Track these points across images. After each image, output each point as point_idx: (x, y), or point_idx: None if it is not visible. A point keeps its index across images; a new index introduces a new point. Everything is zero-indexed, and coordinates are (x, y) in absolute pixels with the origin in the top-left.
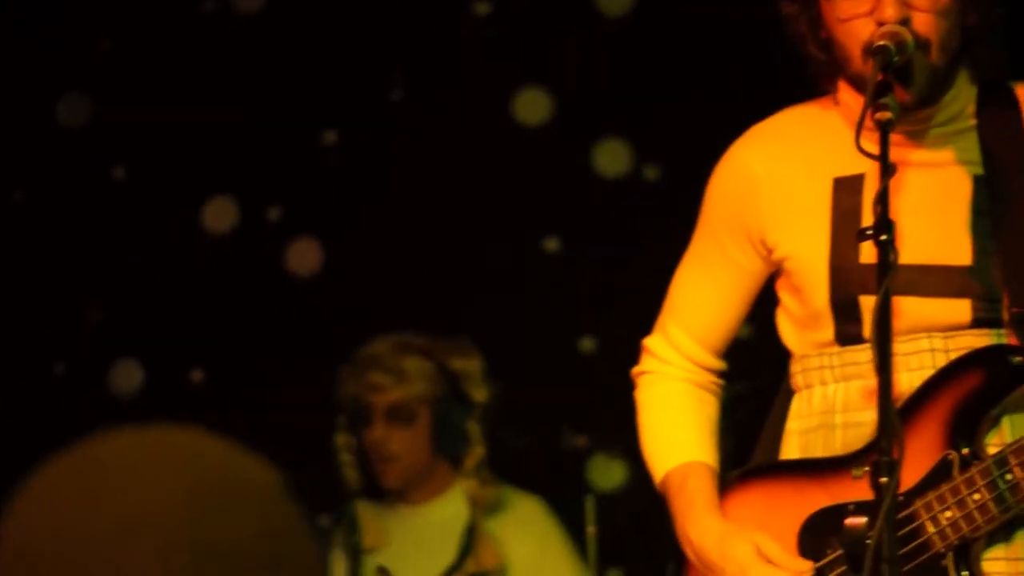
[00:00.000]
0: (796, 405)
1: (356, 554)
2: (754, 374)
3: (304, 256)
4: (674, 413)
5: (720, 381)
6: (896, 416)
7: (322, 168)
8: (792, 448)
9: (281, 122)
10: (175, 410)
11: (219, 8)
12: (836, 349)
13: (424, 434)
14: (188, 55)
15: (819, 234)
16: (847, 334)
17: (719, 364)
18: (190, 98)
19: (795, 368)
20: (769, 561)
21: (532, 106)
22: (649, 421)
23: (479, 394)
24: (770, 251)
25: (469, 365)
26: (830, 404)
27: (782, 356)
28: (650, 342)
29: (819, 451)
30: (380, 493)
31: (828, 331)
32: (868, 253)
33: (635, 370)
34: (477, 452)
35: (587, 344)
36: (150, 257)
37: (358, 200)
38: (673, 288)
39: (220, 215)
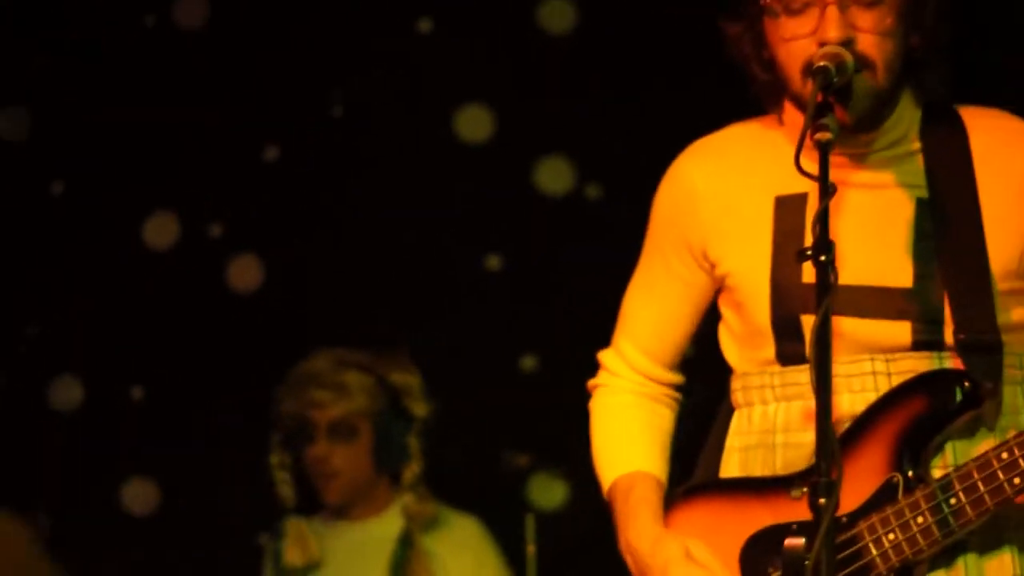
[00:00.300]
0: (736, 422)
1: (281, 574)
2: (695, 389)
3: (245, 272)
4: (624, 424)
5: (676, 394)
6: (835, 437)
7: (263, 184)
8: (732, 465)
9: (223, 138)
10: (115, 427)
11: (160, 23)
12: (777, 368)
13: (366, 449)
14: (130, 70)
15: (760, 252)
16: (788, 353)
17: (674, 377)
18: (130, 113)
19: (736, 385)
20: (695, 562)
21: (474, 123)
22: (600, 431)
23: (419, 409)
24: (712, 266)
25: (409, 380)
26: (770, 423)
27: (724, 372)
28: (604, 356)
29: (758, 469)
30: (319, 510)
31: (769, 350)
32: (810, 273)
33: (590, 383)
34: (415, 467)
35: (528, 362)
36: (90, 272)
37: (299, 217)
38: (624, 303)
39: (161, 231)
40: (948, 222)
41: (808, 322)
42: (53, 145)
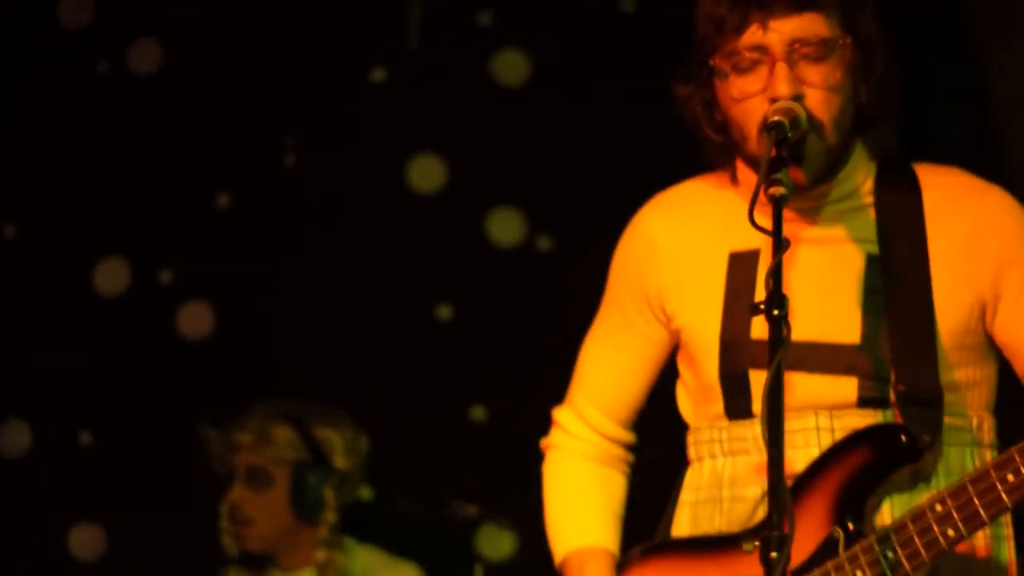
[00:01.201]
0: (689, 477)
1: None
2: (658, 445)
3: (195, 319)
4: (578, 493)
5: (629, 456)
6: (787, 491)
7: (215, 231)
8: (684, 519)
9: (174, 184)
10: (63, 472)
11: (114, 69)
12: (725, 423)
13: (282, 498)
14: (82, 115)
15: (712, 307)
16: (736, 408)
17: (628, 437)
18: (83, 158)
19: (689, 440)
20: None
21: (426, 173)
22: (553, 499)
23: (340, 462)
24: (669, 319)
25: (333, 434)
26: (718, 478)
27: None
28: (559, 415)
29: (706, 524)
30: (260, 560)
31: (718, 404)
32: (759, 328)
33: (544, 442)
34: (328, 518)
35: (478, 413)
36: (40, 317)
37: (250, 264)
38: (580, 359)
39: (112, 277)
40: (897, 278)
41: (756, 377)
42: (4, 189)
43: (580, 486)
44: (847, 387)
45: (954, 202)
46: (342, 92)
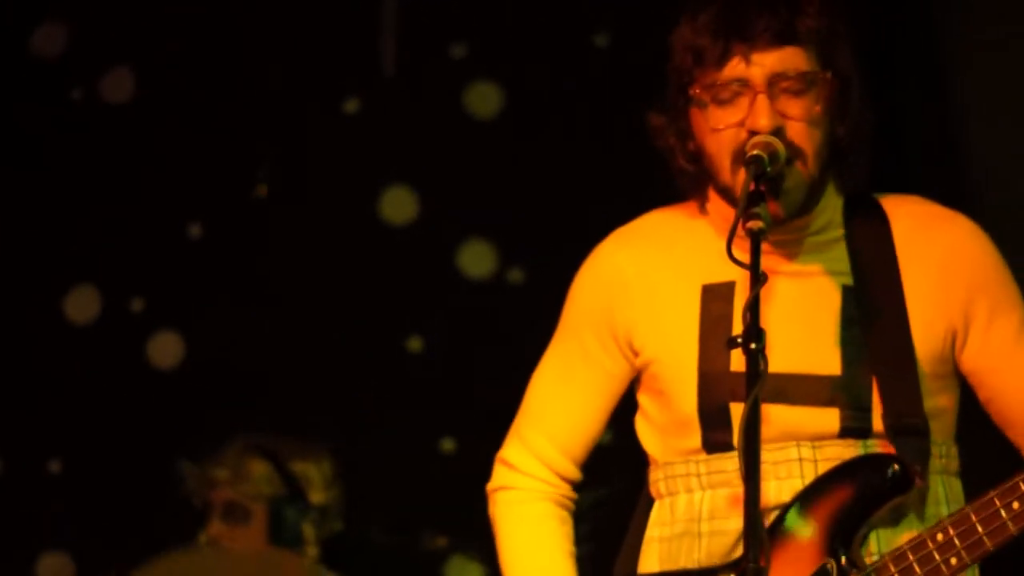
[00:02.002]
0: (657, 512)
1: None
2: (612, 480)
3: (166, 349)
4: (535, 540)
5: (574, 496)
6: (762, 525)
7: (186, 261)
8: (652, 556)
9: (146, 213)
10: (32, 500)
11: (86, 98)
12: (703, 456)
13: (260, 533)
14: (54, 143)
15: (687, 341)
16: (715, 442)
17: (577, 475)
18: (54, 186)
19: (656, 475)
20: None
21: (398, 205)
22: (509, 548)
23: (317, 497)
24: (636, 353)
25: (310, 469)
26: (696, 512)
27: (639, 462)
28: (507, 454)
29: (683, 559)
30: None
31: (695, 438)
32: (738, 361)
33: (490, 486)
34: (309, 553)
35: (448, 444)
36: (10, 345)
37: (221, 294)
38: (531, 393)
39: (82, 305)
40: (873, 308)
41: (736, 410)
42: None
43: (537, 533)
44: (829, 418)
45: (924, 231)
46: (315, 123)
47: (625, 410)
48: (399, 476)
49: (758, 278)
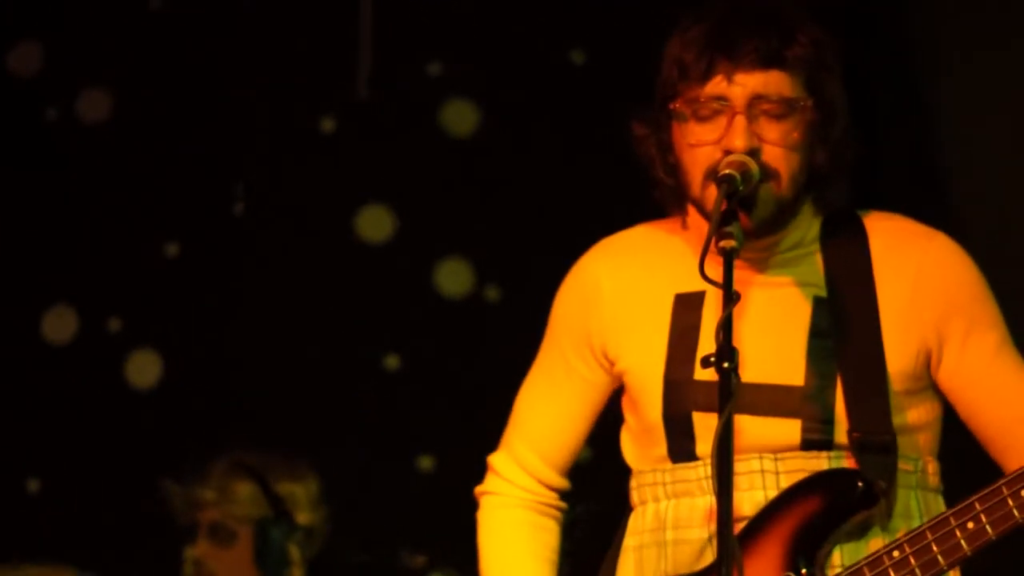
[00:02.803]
0: (632, 521)
1: None
2: (595, 496)
3: (143, 368)
4: (514, 545)
5: (562, 504)
6: (735, 540)
7: (164, 280)
8: (628, 565)
9: (123, 233)
10: (10, 519)
11: (63, 117)
12: (669, 466)
13: (246, 555)
14: (30, 163)
15: (656, 349)
16: (679, 450)
17: (563, 483)
18: (30, 206)
19: (632, 484)
20: None
21: (374, 224)
22: (489, 550)
23: (303, 518)
24: (612, 363)
25: (296, 489)
26: (662, 520)
27: (623, 477)
28: (495, 460)
29: (651, 569)
30: None
31: (661, 447)
32: (703, 370)
33: (479, 489)
34: (295, 575)
35: (425, 462)
36: None
37: (199, 313)
38: (518, 404)
39: (59, 325)
40: (846, 321)
41: (699, 419)
42: None
43: (516, 537)
44: (791, 430)
45: (900, 247)
46: (291, 141)
47: (607, 426)
48: (377, 493)
49: (731, 297)
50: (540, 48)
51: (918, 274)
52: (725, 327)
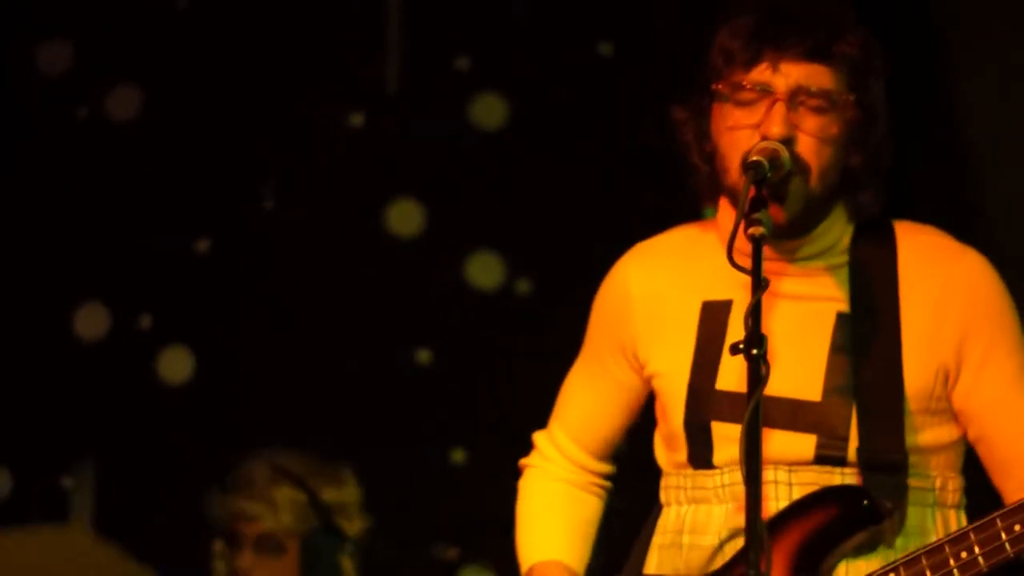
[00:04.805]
0: (661, 521)
1: None
2: (629, 490)
3: (175, 364)
4: (548, 510)
5: (606, 483)
6: (765, 531)
7: (194, 276)
8: (652, 562)
9: (153, 230)
10: (45, 518)
11: (93, 115)
12: (689, 471)
13: (292, 567)
14: (61, 161)
15: (683, 355)
16: (698, 458)
17: (603, 467)
18: (62, 203)
19: (661, 485)
20: None
21: (405, 217)
22: (524, 513)
23: (352, 528)
24: (642, 367)
25: (343, 496)
26: (680, 524)
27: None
28: (538, 438)
29: (669, 567)
30: None
31: (683, 453)
32: (725, 379)
33: (522, 461)
34: None
35: (458, 455)
36: (20, 362)
37: (230, 309)
38: (562, 388)
39: (91, 322)
40: (867, 338)
41: (717, 429)
42: None
43: (549, 503)
44: (805, 444)
45: (927, 264)
46: (321, 136)
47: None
48: (409, 488)
49: (759, 283)
50: (569, 41)
51: (942, 292)
52: (754, 313)
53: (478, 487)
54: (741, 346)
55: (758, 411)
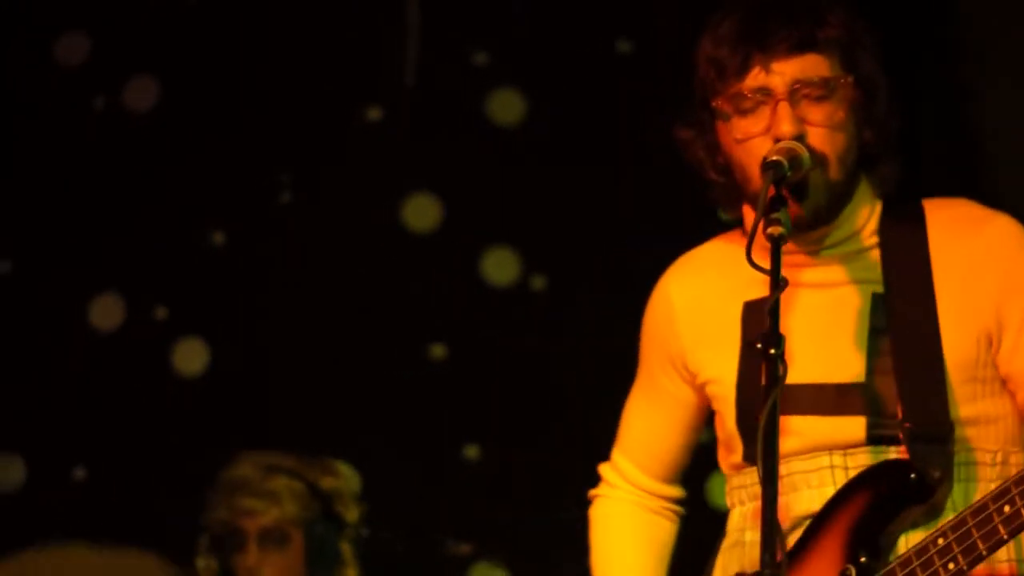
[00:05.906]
0: (727, 525)
1: None
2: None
3: (190, 356)
4: (619, 536)
5: (676, 508)
6: (780, 528)
7: (210, 268)
8: (718, 566)
9: (169, 221)
10: (57, 507)
11: (109, 106)
12: (747, 469)
13: (298, 557)
14: (78, 151)
15: (729, 358)
16: (750, 456)
17: (671, 490)
18: (78, 194)
19: (726, 490)
20: None
21: (421, 212)
22: (597, 542)
23: (350, 514)
24: (694, 376)
25: (339, 484)
26: (743, 522)
27: None
28: (603, 469)
29: (735, 565)
30: None
31: (738, 453)
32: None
33: (591, 492)
34: (350, 574)
35: (471, 451)
36: (35, 353)
37: (246, 301)
38: (622, 417)
39: (107, 313)
40: (902, 315)
41: None
42: (0, 225)
43: (620, 528)
44: (856, 426)
45: (956, 234)
46: (337, 130)
47: None
48: (422, 482)
49: (778, 283)
50: (587, 37)
51: (974, 259)
52: (772, 312)
53: (491, 483)
54: (758, 344)
55: (775, 411)
